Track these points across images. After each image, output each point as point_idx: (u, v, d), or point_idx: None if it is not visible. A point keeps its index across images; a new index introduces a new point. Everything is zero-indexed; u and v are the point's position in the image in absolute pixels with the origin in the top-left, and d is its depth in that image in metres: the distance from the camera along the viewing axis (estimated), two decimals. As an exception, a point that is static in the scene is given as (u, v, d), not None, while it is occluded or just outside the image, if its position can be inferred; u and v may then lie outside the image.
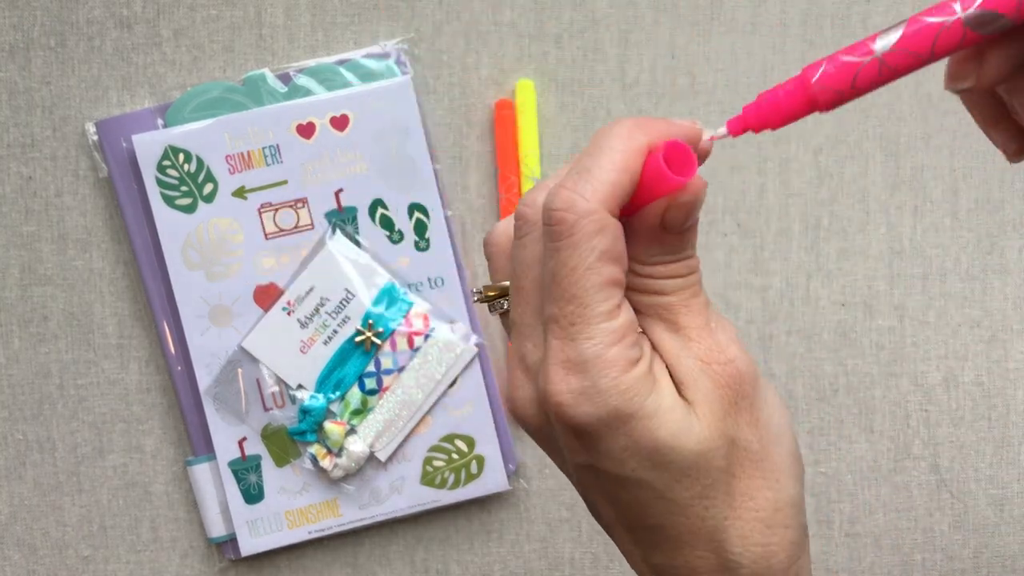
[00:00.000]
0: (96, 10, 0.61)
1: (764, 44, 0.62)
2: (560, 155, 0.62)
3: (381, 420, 0.61)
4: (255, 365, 0.61)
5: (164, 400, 0.63)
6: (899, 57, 0.33)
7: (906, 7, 0.62)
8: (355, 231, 0.61)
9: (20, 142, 0.62)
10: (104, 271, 0.62)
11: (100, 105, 0.61)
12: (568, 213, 0.33)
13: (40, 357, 0.62)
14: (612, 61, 0.62)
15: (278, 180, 0.61)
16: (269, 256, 0.61)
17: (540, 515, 0.63)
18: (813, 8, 0.62)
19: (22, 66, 0.61)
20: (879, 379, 0.63)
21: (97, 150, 0.61)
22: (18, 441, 0.63)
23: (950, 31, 0.32)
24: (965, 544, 0.64)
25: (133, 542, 0.63)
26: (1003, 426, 0.63)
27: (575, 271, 0.33)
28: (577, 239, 0.33)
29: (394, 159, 0.61)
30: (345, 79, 0.61)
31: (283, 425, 0.61)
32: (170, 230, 0.60)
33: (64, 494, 0.63)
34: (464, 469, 0.62)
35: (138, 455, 0.63)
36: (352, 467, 0.61)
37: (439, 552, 0.63)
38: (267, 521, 0.62)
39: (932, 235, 0.63)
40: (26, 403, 0.62)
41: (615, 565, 0.63)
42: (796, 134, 0.62)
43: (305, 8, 0.62)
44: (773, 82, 0.62)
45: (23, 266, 0.62)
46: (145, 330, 0.62)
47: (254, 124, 0.60)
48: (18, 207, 0.62)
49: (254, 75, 0.61)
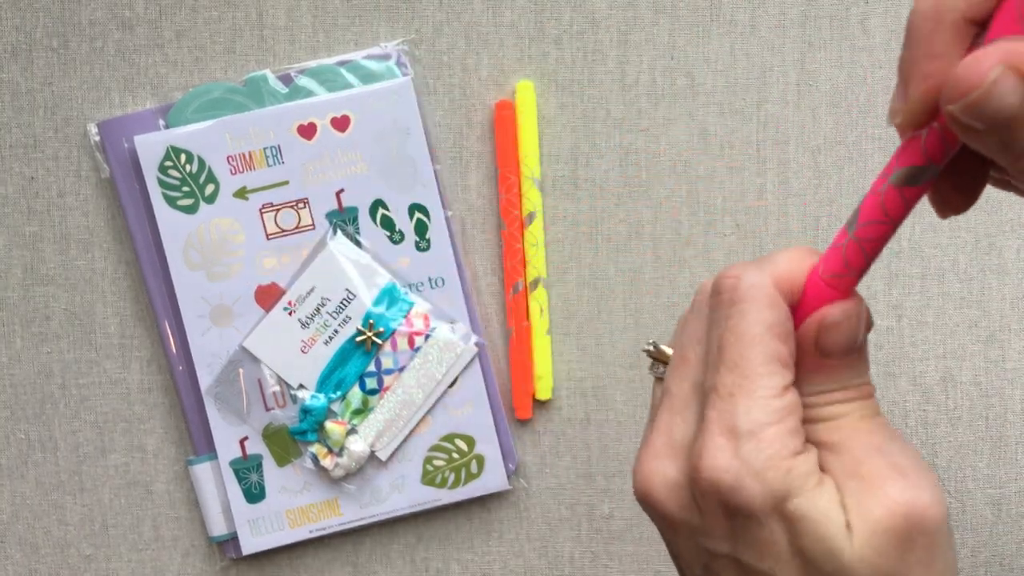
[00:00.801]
0: (98, 11, 0.61)
1: (764, 44, 0.62)
2: (560, 155, 0.62)
3: (382, 420, 0.61)
4: (256, 365, 0.61)
5: (165, 400, 0.63)
6: (869, 230, 0.33)
7: (904, 7, 0.62)
8: (356, 231, 0.61)
9: (22, 143, 0.62)
10: (106, 271, 0.62)
11: (102, 106, 0.62)
12: (740, 281, 0.32)
13: (42, 357, 0.62)
14: (612, 62, 0.62)
15: (279, 180, 0.61)
16: (270, 256, 0.61)
17: (540, 515, 0.63)
18: (813, 8, 0.62)
19: (24, 67, 0.61)
20: (877, 379, 0.63)
21: (99, 151, 0.61)
22: (20, 440, 0.63)
23: (890, 197, 0.32)
24: (963, 543, 0.64)
25: (135, 541, 0.63)
26: (1000, 426, 0.63)
27: (742, 339, 0.32)
28: (746, 307, 0.32)
29: (395, 159, 0.61)
30: (346, 80, 0.61)
31: (284, 425, 0.62)
32: (171, 230, 0.61)
33: (66, 493, 0.63)
34: (464, 468, 0.62)
35: (140, 454, 0.63)
36: (353, 466, 0.61)
37: (439, 551, 0.63)
38: (268, 520, 0.62)
39: (930, 235, 0.63)
40: (28, 402, 0.63)
41: (615, 564, 0.63)
42: (796, 134, 0.62)
43: (306, 9, 0.62)
44: (772, 82, 0.62)
45: (25, 266, 0.62)
46: (147, 330, 0.62)
47: (255, 125, 0.60)
48: (20, 207, 0.62)
49: (255, 76, 0.61)
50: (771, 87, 0.62)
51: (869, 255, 0.33)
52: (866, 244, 0.33)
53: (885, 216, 0.32)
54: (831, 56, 0.62)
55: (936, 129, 0.31)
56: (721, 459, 0.31)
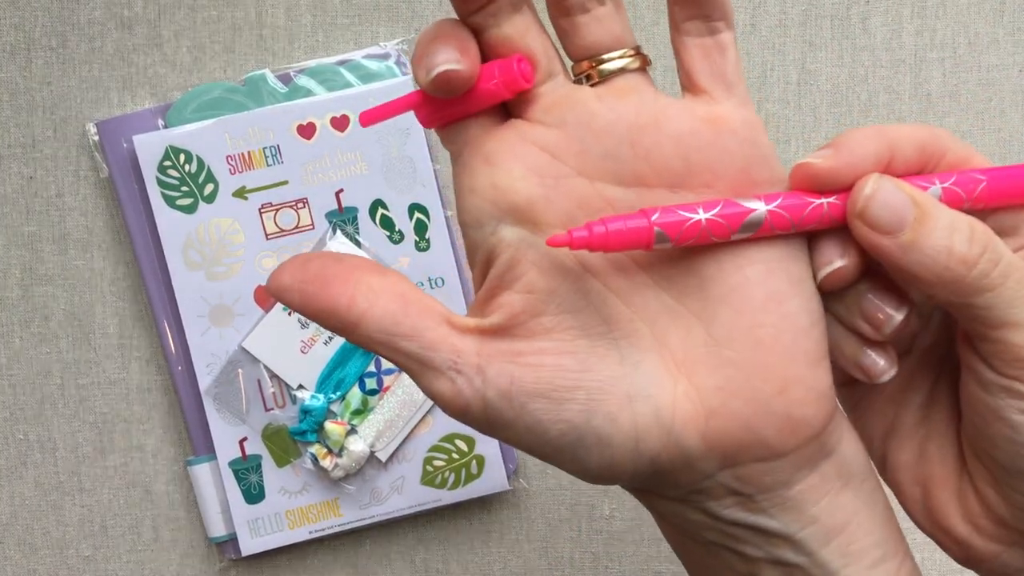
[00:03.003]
0: (97, 11, 0.61)
1: (765, 43, 0.62)
2: (560, 155, 0.62)
3: (381, 420, 0.61)
4: (256, 365, 0.61)
5: (165, 400, 0.63)
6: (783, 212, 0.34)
7: (905, 7, 0.62)
8: (356, 231, 0.61)
9: (21, 142, 0.62)
10: (105, 271, 0.62)
11: (101, 105, 0.62)
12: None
13: (41, 357, 0.62)
14: (612, 61, 0.62)
15: (279, 180, 0.61)
16: (270, 256, 0.61)
17: (540, 515, 0.63)
18: (813, 8, 0.62)
19: (23, 67, 0.61)
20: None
21: (98, 150, 0.61)
22: (19, 441, 0.63)
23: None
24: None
25: (134, 542, 0.63)
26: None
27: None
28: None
29: (394, 159, 0.61)
30: (345, 79, 0.61)
31: (284, 425, 0.61)
32: (171, 230, 0.61)
33: (65, 494, 0.63)
34: (464, 469, 0.62)
35: (139, 455, 0.63)
36: (353, 467, 0.61)
37: (439, 552, 0.63)
38: (267, 521, 0.62)
39: (932, 235, 0.63)
40: (27, 403, 0.63)
41: (615, 565, 0.63)
42: (797, 133, 0.62)
43: (306, 9, 0.62)
44: (773, 82, 0.62)
45: (24, 266, 0.62)
46: (146, 330, 0.62)
47: (255, 124, 0.60)
48: (19, 207, 0.62)
49: (255, 75, 0.61)
50: (772, 86, 0.62)
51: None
52: (775, 217, 0.34)
53: (791, 227, 0.34)
54: (832, 55, 0.62)
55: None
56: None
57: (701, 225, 0.33)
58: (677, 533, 0.38)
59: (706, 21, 0.34)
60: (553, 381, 0.33)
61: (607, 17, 0.34)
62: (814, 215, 0.34)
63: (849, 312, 0.35)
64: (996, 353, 0.33)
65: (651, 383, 0.34)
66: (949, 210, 0.33)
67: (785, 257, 0.34)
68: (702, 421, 0.34)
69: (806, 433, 0.34)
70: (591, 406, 0.33)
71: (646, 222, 0.33)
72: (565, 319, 0.34)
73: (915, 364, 0.39)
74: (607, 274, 0.34)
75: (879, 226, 0.33)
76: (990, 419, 0.34)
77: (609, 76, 0.34)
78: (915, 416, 0.39)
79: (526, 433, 0.33)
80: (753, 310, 0.34)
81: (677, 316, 0.34)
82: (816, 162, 0.33)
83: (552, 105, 0.34)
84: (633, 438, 0.33)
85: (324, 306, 0.33)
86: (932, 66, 0.62)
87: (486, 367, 0.33)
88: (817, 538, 0.35)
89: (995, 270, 0.33)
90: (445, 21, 0.34)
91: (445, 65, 0.32)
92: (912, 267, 0.33)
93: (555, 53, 0.35)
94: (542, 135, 0.34)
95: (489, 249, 0.34)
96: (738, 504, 0.35)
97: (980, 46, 0.62)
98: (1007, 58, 0.62)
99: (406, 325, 0.33)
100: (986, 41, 0.62)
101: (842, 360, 0.36)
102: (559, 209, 0.34)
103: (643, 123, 0.34)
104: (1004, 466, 0.35)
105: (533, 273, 0.34)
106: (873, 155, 0.34)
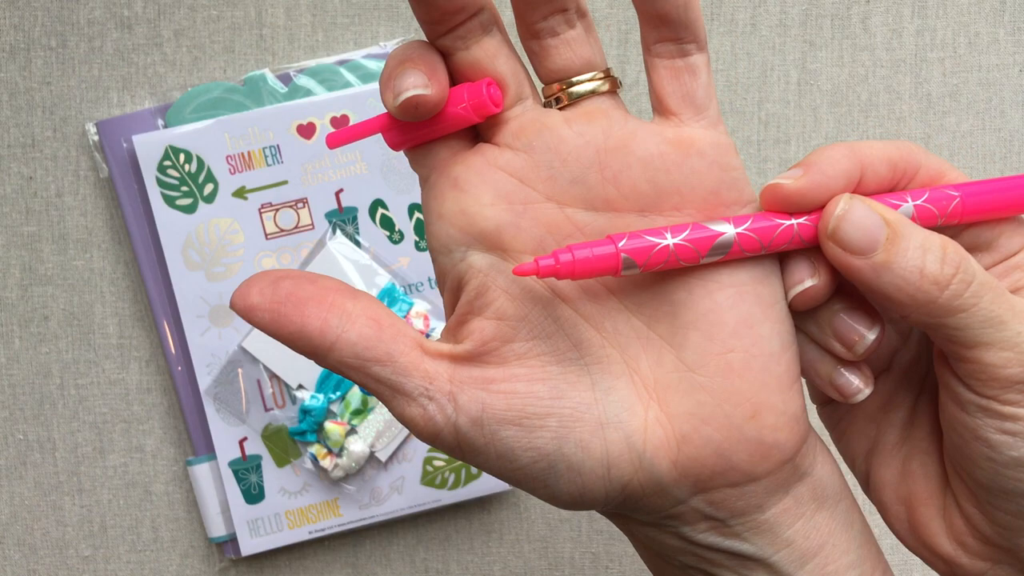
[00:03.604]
0: (97, 11, 0.61)
1: (765, 43, 0.62)
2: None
3: (381, 420, 0.61)
4: (255, 365, 0.61)
5: (164, 400, 0.63)
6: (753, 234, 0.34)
7: (906, 7, 0.62)
8: (355, 231, 0.61)
9: (21, 142, 0.62)
10: (105, 271, 0.62)
11: (100, 105, 0.62)
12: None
13: (41, 357, 0.62)
14: (612, 61, 0.62)
15: (278, 180, 0.61)
16: (270, 256, 0.61)
17: (540, 515, 0.63)
18: (813, 8, 0.62)
19: (23, 66, 0.61)
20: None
21: (98, 150, 0.61)
22: (19, 441, 0.63)
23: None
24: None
25: (133, 542, 0.63)
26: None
27: None
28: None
29: (394, 159, 0.61)
30: (345, 79, 0.61)
31: (283, 425, 0.61)
32: (170, 230, 0.61)
33: (64, 494, 0.63)
34: (464, 469, 0.62)
35: (139, 455, 0.63)
36: (352, 467, 0.61)
37: (439, 552, 0.63)
38: (267, 521, 0.62)
39: (932, 235, 0.63)
40: (27, 403, 0.62)
41: (615, 565, 0.63)
42: (797, 133, 0.62)
43: (305, 9, 0.62)
44: (773, 82, 0.62)
45: (24, 266, 0.62)
46: (145, 330, 0.62)
47: (254, 124, 0.60)
48: (19, 207, 0.62)
49: (254, 75, 0.61)
50: (772, 86, 0.62)
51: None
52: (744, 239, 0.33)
53: (762, 249, 0.33)
54: (832, 55, 0.62)
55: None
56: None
57: (669, 250, 0.33)
58: (653, 556, 0.38)
59: (677, 43, 0.33)
60: (525, 409, 0.33)
61: (576, 40, 0.34)
62: (784, 236, 0.33)
63: (822, 332, 0.35)
64: (971, 373, 0.33)
65: (622, 409, 0.34)
66: (921, 229, 0.33)
67: (756, 280, 0.34)
68: (674, 447, 0.33)
69: (778, 458, 0.34)
70: (562, 433, 0.33)
71: (613, 249, 0.32)
72: (536, 345, 0.34)
73: (896, 381, 0.39)
74: (578, 300, 0.34)
75: (851, 247, 0.32)
76: (968, 438, 0.34)
77: (579, 99, 0.34)
78: (897, 434, 0.38)
79: (497, 460, 0.33)
80: (724, 336, 0.33)
81: (648, 342, 0.34)
82: (786, 183, 0.33)
83: (520, 130, 0.34)
84: (604, 465, 0.33)
85: (296, 329, 0.33)
86: (932, 66, 0.62)
87: (458, 394, 0.33)
88: (792, 561, 0.35)
89: (967, 290, 0.32)
90: (414, 43, 0.34)
91: (413, 90, 0.32)
92: (885, 288, 0.32)
93: (525, 76, 0.35)
94: (511, 160, 0.34)
95: (459, 275, 0.34)
96: (712, 528, 0.35)
97: (980, 46, 0.62)
98: (1007, 58, 0.62)
99: (379, 350, 0.33)
100: (986, 41, 0.62)
101: (817, 380, 0.36)
102: (528, 235, 0.33)
103: (612, 147, 0.33)
104: (984, 485, 0.35)
105: (503, 300, 0.33)
106: (844, 174, 0.33)
